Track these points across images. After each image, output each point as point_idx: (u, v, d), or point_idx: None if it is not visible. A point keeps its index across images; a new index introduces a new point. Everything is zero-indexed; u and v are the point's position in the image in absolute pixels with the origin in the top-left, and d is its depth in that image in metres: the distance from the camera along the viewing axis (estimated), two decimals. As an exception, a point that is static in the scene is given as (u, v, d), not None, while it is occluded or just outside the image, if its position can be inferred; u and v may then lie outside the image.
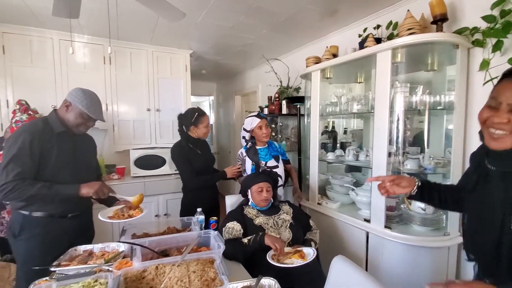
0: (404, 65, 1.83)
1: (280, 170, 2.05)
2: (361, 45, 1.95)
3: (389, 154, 1.69)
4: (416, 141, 1.99)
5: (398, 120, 1.70)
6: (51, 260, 1.23)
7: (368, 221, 1.80)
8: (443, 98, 1.70)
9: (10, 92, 2.44)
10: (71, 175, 1.44)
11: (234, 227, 1.55)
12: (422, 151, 1.87)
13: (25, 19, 2.34)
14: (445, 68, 1.92)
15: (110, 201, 1.64)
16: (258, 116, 2.04)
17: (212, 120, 5.92)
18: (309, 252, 1.38)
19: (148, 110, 3.02)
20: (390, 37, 1.99)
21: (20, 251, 1.38)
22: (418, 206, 1.68)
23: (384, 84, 1.68)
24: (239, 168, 2.10)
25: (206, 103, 6.23)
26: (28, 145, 1.30)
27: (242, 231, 1.54)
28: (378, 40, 1.88)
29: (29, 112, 2.06)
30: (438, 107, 1.69)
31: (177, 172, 2.13)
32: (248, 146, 2.08)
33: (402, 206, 1.81)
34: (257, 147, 2.06)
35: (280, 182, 2.06)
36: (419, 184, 1.04)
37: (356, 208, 2.04)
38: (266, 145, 2.09)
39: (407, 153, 1.82)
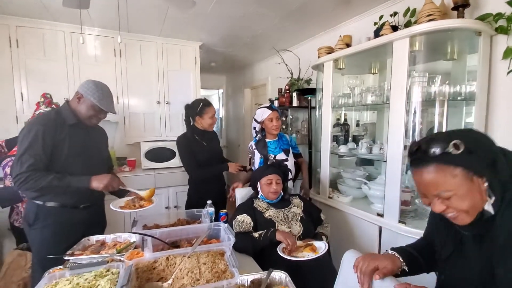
0: (422, 54, 1.75)
1: (289, 164, 2.01)
2: (377, 34, 1.87)
3: (404, 147, 1.62)
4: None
5: (415, 111, 1.64)
6: (64, 249, 1.25)
7: (381, 215, 1.75)
8: (464, 89, 1.62)
9: (24, 85, 2.48)
10: (83, 166, 1.45)
11: (244, 220, 1.53)
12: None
13: (37, 13, 2.36)
14: (465, 57, 1.83)
15: (121, 193, 1.66)
16: (269, 108, 1.99)
17: (221, 113, 5.91)
18: (321, 246, 1.36)
19: (158, 103, 3.02)
20: (408, 24, 1.90)
21: (34, 240, 1.41)
22: (434, 200, 1.62)
23: (400, 73, 1.61)
24: (242, 166, 2.10)
25: (215, 97, 6.21)
26: (40, 136, 1.31)
27: (252, 224, 1.53)
28: (394, 28, 1.80)
29: (53, 106, 2.09)
30: (458, 98, 1.61)
31: (180, 164, 2.16)
32: (258, 139, 2.04)
33: (417, 200, 1.76)
34: (267, 140, 2.02)
35: (290, 176, 2.02)
36: (406, 269, 0.92)
37: (368, 202, 2.00)
38: (276, 138, 2.04)
39: (423, 146, 1.75)
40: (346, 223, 1.98)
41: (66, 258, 1.19)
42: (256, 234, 1.45)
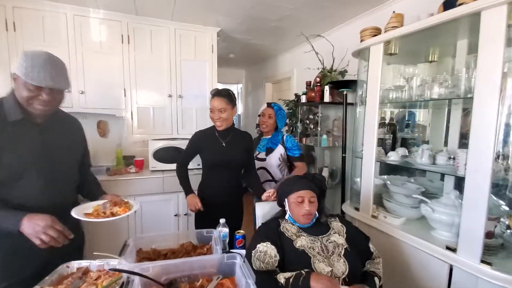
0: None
1: (268, 164, 1.99)
2: (449, 4, 1.40)
3: (497, 157, 1.16)
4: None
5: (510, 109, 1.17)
6: (28, 279, 0.92)
7: (452, 249, 1.30)
8: None
9: (22, 74, 2.22)
10: (39, 175, 1.08)
11: (267, 251, 1.14)
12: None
13: (36, -8, 2.09)
14: None
15: (94, 194, 1.32)
16: (268, 103, 2.05)
17: (240, 110, 5.55)
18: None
19: (170, 96, 2.68)
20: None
21: None
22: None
23: (492, 56, 1.15)
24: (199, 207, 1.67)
25: (234, 92, 5.87)
26: None
27: (278, 257, 1.13)
28: (477, -5, 1.32)
29: None
30: None
31: (200, 167, 1.87)
32: (257, 133, 2.16)
33: (505, 231, 1.28)
34: (263, 137, 2.06)
35: (268, 177, 1.99)
36: None
37: (426, 225, 1.54)
38: (270, 136, 2.03)
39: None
40: (398, 254, 1.53)
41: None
42: (282, 279, 1.04)
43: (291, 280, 1.01)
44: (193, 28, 2.69)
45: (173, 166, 2.53)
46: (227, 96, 1.64)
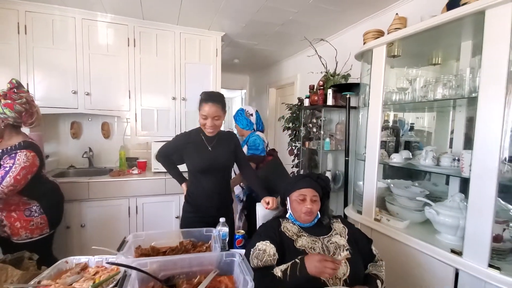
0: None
1: None
2: (452, 4, 1.40)
3: (505, 159, 1.13)
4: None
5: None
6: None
7: (458, 253, 1.26)
8: None
9: (31, 75, 2.27)
10: None
11: (266, 250, 1.11)
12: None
13: (47, -4, 2.16)
14: None
15: None
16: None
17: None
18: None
19: (174, 98, 2.71)
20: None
21: None
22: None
23: (498, 52, 1.14)
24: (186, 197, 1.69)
25: (238, 98, 5.90)
26: None
27: (276, 256, 1.11)
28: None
29: (14, 92, 1.45)
30: None
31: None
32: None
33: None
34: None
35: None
36: None
37: (431, 229, 1.50)
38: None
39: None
40: (401, 258, 1.50)
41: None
42: (278, 272, 1.03)
43: (288, 271, 1.00)
44: (198, 32, 2.74)
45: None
46: (222, 102, 1.52)
